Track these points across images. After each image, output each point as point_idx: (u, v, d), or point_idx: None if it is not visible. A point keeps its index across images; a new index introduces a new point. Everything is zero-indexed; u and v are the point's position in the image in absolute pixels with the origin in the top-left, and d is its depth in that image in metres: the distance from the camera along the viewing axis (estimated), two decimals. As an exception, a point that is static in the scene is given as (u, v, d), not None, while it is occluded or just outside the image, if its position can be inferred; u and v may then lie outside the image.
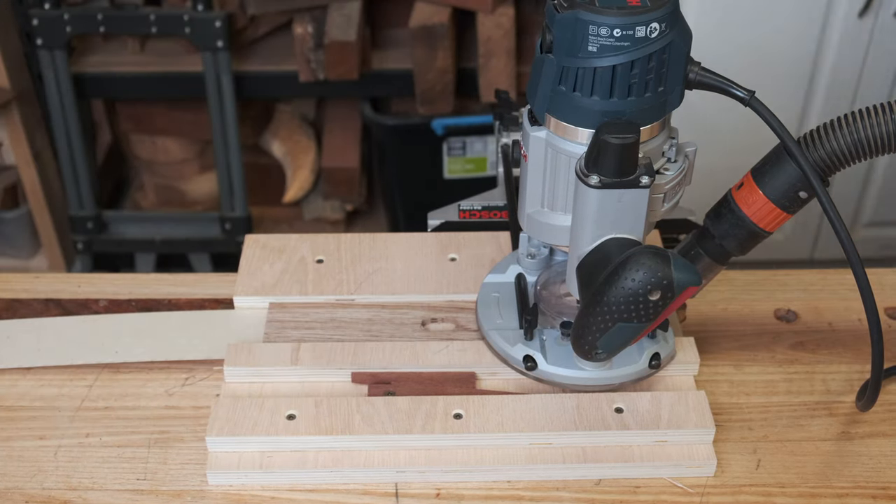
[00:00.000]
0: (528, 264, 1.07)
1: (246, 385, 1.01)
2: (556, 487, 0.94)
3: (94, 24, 2.14)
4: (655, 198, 0.92)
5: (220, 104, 2.20)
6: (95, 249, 2.37)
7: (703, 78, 0.89)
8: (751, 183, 0.93)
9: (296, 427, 0.95)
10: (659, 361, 0.99)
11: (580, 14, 0.84)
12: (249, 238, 1.18)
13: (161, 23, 2.14)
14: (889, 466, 0.96)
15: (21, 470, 0.95)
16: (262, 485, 0.94)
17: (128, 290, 1.14)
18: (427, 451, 0.95)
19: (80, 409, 1.01)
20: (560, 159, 0.92)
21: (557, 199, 0.95)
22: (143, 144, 2.43)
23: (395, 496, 0.94)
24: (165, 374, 1.05)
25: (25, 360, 1.05)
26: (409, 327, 1.08)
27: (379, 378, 1.02)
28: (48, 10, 2.11)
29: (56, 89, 2.18)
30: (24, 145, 2.24)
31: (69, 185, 2.29)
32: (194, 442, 0.98)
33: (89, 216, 2.32)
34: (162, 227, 2.39)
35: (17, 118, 2.20)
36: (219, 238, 2.36)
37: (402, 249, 1.16)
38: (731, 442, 0.98)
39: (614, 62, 0.84)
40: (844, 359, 1.06)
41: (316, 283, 1.12)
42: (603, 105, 0.86)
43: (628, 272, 0.84)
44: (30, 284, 1.15)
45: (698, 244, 0.98)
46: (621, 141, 0.85)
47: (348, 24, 2.16)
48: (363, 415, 0.96)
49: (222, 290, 1.14)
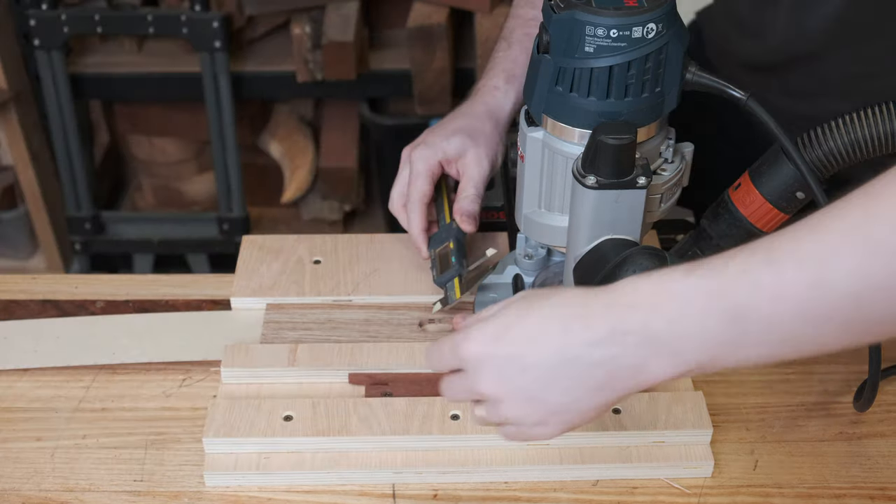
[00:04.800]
0: (525, 265, 1.07)
1: (243, 386, 1.01)
2: (553, 488, 0.94)
3: (92, 24, 2.13)
4: (652, 198, 0.92)
5: (217, 104, 2.20)
6: (93, 250, 2.37)
7: (700, 78, 0.89)
8: (748, 183, 0.93)
9: (293, 428, 0.95)
10: (656, 362, 0.99)
11: (577, 14, 0.84)
12: (246, 239, 1.18)
13: (159, 23, 2.13)
14: (887, 467, 0.96)
15: (18, 471, 0.95)
16: (260, 486, 0.94)
17: (125, 291, 1.14)
18: (424, 452, 0.95)
19: (77, 411, 1.01)
20: (557, 160, 0.92)
21: (554, 199, 0.95)
22: (140, 145, 2.43)
23: (392, 497, 0.93)
24: (162, 376, 1.05)
25: (22, 361, 1.05)
26: (407, 328, 1.08)
27: (376, 379, 1.01)
28: (45, 11, 2.11)
29: (53, 90, 2.18)
30: (21, 146, 2.23)
31: (67, 186, 2.29)
32: (191, 443, 0.97)
33: (87, 217, 2.32)
34: (160, 228, 2.39)
35: (14, 119, 2.20)
36: (217, 238, 2.36)
37: (400, 250, 1.16)
38: (729, 442, 0.98)
39: (611, 63, 0.84)
40: (842, 359, 1.06)
41: (313, 283, 1.12)
42: (600, 106, 0.86)
43: (625, 273, 0.84)
44: (27, 285, 1.15)
45: (696, 245, 0.98)
46: (618, 141, 0.85)
47: (346, 24, 2.16)
48: (360, 416, 0.96)
49: (219, 291, 1.14)
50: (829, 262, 0.62)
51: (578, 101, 0.87)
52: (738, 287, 0.65)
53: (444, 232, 1.09)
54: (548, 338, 0.71)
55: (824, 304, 0.63)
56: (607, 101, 0.86)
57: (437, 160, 1.07)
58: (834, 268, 0.62)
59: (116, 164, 2.56)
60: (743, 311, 0.65)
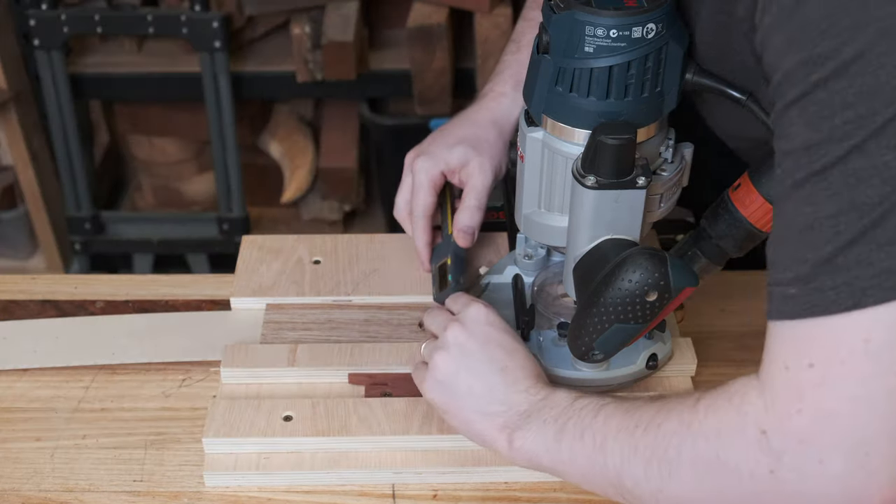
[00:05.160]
0: (525, 265, 1.07)
1: (243, 386, 1.01)
2: (552, 489, 0.94)
3: (92, 24, 2.13)
4: (652, 198, 0.92)
5: (217, 105, 2.20)
6: (93, 250, 2.37)
7: (700, 78, 0.89)
8: (748, 183, 0.93)
9: (293, 428, 0.95)
10: (656, 362, 0.99)
11: (576, 14, 0.84)
12: (246, 239, 1.18)
13: (158, 23, 2.13)
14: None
15: (18, 472, 0.95)
16: (259, 486, 0.94)
17: (125, 291, 1.14)
18: (424, 452, 0.95)
19: (77, 411, 1.01)
20: (557, 160, 0.92)
21: (554, 199, 0.95)
22: (140, 145, 2.43)
23: (391, 497, 0.93)
24: (162, 376, 1.05)
25: (22, 361, 1.05)
26: (407, 328, 1.08)
27: (376, 379, 1.01)
28: (45, 11, 2.11)
29: (53, 90, 2.18)
30: (21, 146, 2.23)
31: (67, 186, 2.29)
32: (191, 443, 0.97)
33: (87, 217, 2.32)
34: (160, 228, 2.39)
35: (14, 119, 2.20)
36: (217, 238, 2.36)
37: (400, 250, 1.16)
38: (729, 443, 0.98)
39: (611, 63, 0.84)
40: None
41: (313, 283, 1.12)
42: (599, 106, 0.86)
43: (625, 273, 0.84)
44: (26, 286, 1.15)
45: (695, 245, 0.97)
46: (618, 142, 0.85)
47: (346, 24, 2.16)
48: (360, 416, 0.96)
49: (219, 291, 1.14)
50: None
51: (578, 102, 0.87)
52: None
53: (444, 245, 1.09)
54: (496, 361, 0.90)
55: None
56: (607, 101, 0.86)
57: (439, 171, 1.07)
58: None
59: (116, 164, 2.55)
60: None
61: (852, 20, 0.66)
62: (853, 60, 0.66)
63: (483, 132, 1.08)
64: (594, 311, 0.86)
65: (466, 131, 1.09)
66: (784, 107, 0.71)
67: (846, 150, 0.67)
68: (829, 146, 0.68)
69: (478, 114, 1.10)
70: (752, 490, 0.73)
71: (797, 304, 0.70)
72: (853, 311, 0.68)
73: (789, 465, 0.71)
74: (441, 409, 0.91)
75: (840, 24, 0.66)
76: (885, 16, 0.65)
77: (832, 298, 0.68)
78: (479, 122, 1.09)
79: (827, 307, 0.69)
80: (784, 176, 0.71)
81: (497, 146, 1.08)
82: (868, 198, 0.67)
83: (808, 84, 0.69)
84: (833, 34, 0.67)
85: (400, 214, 1.12)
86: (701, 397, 0.77)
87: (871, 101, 0.66)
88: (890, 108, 0.66)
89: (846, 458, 0.69)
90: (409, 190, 1.10)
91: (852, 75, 0.66)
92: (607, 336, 0.87)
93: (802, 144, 0.69)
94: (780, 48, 0.71)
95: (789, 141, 0.71)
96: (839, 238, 0.68)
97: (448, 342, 0.91)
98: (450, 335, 0.91)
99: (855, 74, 0.66)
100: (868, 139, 0.66)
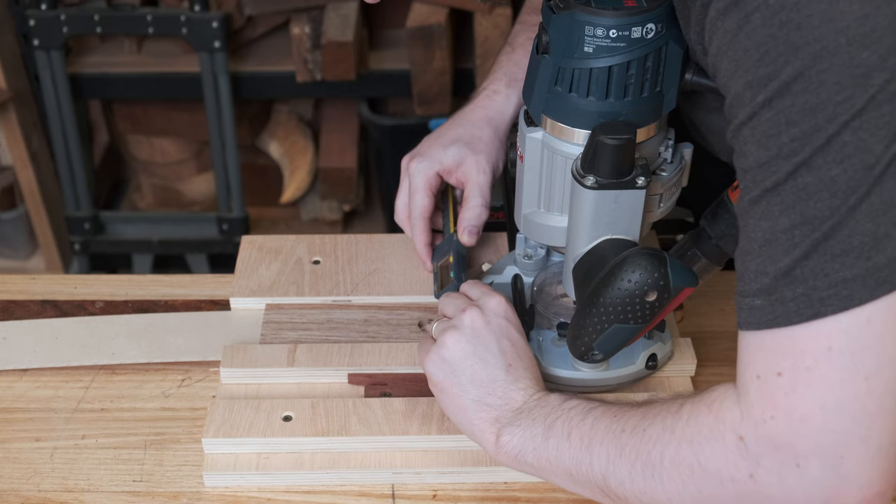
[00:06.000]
0: (524, 265, 1.07)
1: (242, 386, 1.01)
2: (552, 489, 0.94)
3: (91, 24, 2.13)
4: (652, 198, 0.92)
5: (217, 105, 2.20)
6: (92, 250, 2.37)
7: (699, 79, 0.89)
8: (747, 183, 0.93)
9: (292, 428, 0.95)
10: (656, 362, 0.99)
11: (576, 15, 0.84)
12: (246, 239, 1.18)
13: (158, 23, 2.13)
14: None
15: (17, 472, 0.95)
16: (259, 486, 0.94)
17: (124, 291, 1.14)
18: (423, 453, 0.95)
19: (77, 411, 1.01)
20: (556, 160, 0.92)
21: (554, 199, 0.95)
22: (140, 145, 2.43)
23: (391, 497, 0.93)
24: (162, 376, 1.05)
25: (21, 361, 1.05)
26: (406, 328, 1.08)
27: (375, 379, 1.01)
28: (45, 11, 2.11)
29: (53, 90, 2.18)
30: (20, 146, 2.23)
31: (66, 186, 2.29)
32: (191, 443, 0.97)
33: (86, 217, 2.32)
34: (159, 228, 2.39)
35: (13, 119, 2.20)
36: (216, 239, 2.36)
37: (399, 250, 1.16)
38: (728, 443, 0.98)
39: (610, 63, 0.84)
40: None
41: (312, 284, 1.12)
42: (599, 106, 0.86)
43: (625, 273, 0.84)
44: (26, 286, 1.15)
45: (695, 245, 0.97)
46: (617, 142, 0.85)
47: (345, 24, 2.16)
48: (359, 416, 0.96)
49: (219, 292, 1.14)
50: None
51: (578, 102, 0.87)
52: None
53: (446, 243, 1.09)
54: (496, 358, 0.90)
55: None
56: (607, 101, 0.86)
57: (434, 172, 1.08)
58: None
59: (116, 165, 2.55)
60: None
61: (790, 42, 0.68)
62: (794, 80, 0.68)
63: (477, 131, 1.08)
64: (594, 311, 0.86)
65: (461, 131, 1.09)
66: (737, 127, 0.73)
67: (795, 166, 0.69)
68: (778, 163, 0.70)
69: (472, 113, 1.11)
70: (733, 493, 0.74)
71: (762, 315, 0.72)
72: (813, 320, 0.70)
73: (768, 469, 0.72)
74: (437, 387, 0.91)
75: (779, 47, 0.68)
76: (819, 37, 0.67)
77: (793, 309, 0.70)
78: (473, 121, 1.09)
79: (789, 318, 0.71)
80: (743, 193, 0.74)
81: (493, 144, 1.08)
82: (818, 211, 0.69)
83: (755, 105, 0.71)
84: (773, 56, 0.69)
85: (400, 217, 1.12)
86: (684, 403, 0.79)
87: (814, 118, 0.68)
88: (832, 124, 0.68)
89: (822, 462, 0.70)
90: (406, 193, 1.10)
91: (794, 94, 0.68)
92: (607, 336, 0.87)
93: (756, 163, 0.72)
94: (728, 71, 0.73)
95: (745, 159, 0.73)
96: (796, 251, 0.70)
97: (464, 324, 0.91)
98: (466, 318, 0.91)
99: (797, 93, 0.68)
100: (814, 155, 0.68)
